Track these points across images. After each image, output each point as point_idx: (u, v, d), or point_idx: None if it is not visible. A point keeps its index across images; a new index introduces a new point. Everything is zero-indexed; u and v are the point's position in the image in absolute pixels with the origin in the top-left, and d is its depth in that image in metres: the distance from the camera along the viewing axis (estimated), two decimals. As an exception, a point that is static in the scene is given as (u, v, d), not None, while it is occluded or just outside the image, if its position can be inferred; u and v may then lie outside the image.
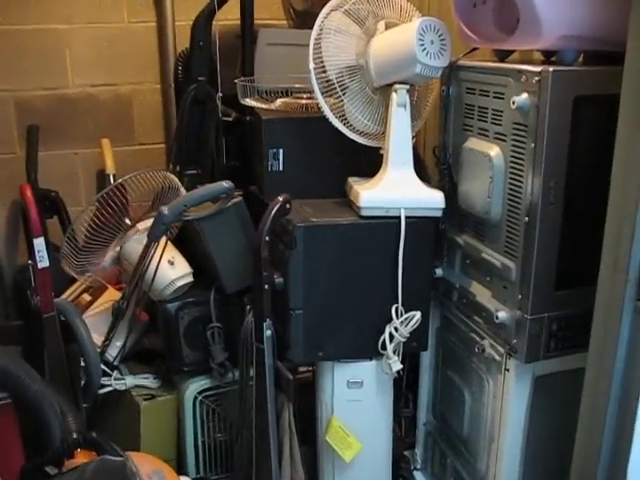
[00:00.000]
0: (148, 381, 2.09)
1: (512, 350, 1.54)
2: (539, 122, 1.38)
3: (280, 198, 1.62)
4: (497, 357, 1.61)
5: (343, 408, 1.78)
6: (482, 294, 1.67)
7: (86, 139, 2.64)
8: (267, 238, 1.58)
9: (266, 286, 1.60)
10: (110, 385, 2.05)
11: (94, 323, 2.02)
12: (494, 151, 1.53)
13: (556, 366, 1.59)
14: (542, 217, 1.43)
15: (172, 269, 1.90)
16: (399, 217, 1.64)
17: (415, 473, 2.14)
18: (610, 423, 1.30)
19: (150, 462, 1.67)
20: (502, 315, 1.55)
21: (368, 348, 1.72)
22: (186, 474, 2.05)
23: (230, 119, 2.15)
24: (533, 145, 1.40)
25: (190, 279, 1.94)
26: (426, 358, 1.98)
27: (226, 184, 1.77)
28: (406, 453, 2.17)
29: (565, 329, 1.53)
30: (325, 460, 1.87)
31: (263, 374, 1.67)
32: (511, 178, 1.50)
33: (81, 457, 1.66)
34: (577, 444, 1.40)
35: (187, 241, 1.99)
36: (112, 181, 2.45)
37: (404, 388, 2.02)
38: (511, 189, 1.50)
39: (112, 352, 2.05)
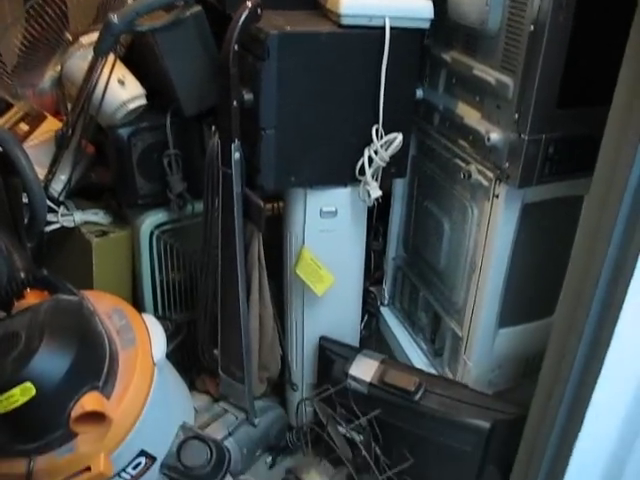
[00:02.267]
0: (99, 217, 1.93)
1: (503, 175, 1.44)
2: None
3: (249, 3, 1.42)
4: (485, 183, 1.50)
5: (315, 239, 1.67)
6: (470, 116, 1.54)
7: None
8: (236, 48, 1.39)
9: (235, 102, 1.43)
10: (57, 222, 1.89)
11: (34, 155, 1.79)
12: (495, -52, 1.35)
13: (546, 193, 1.50)
14: (551, 25, 1.26)
15: (123, 89, 1.69)
16: (382, 27, 1.46)
17: (382, 309, 2.09)
18: (614, 246, 1.22)
19: (108, 300, 1.57)
20: (494, 137, 1.43)
21: (344, 173, 1.60)
22: (144, 314, 1.95)
23: None
24: (546, -61, 1.23)
25: (143, 101, 1.73)
26: (399, 188, 1.87)
27: (184, -12, 1.55)
28: (372, 289, 2.11)
29: (562, 152, 1.42)
30: (294, 294, 1.78)
31: (231, 203, 1.53)
32: (515, -19, 1.33)
33: (32, 298, 1.53)
34: (571, 267, 1.31)
35: (138, 60, 1.77)
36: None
37: (375, 220, 1.91)
38: (514, -6, 1.33)
39: (56, 187, 1.86)
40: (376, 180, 1.57)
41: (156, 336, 1.51)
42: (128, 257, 1.94)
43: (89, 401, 1.32)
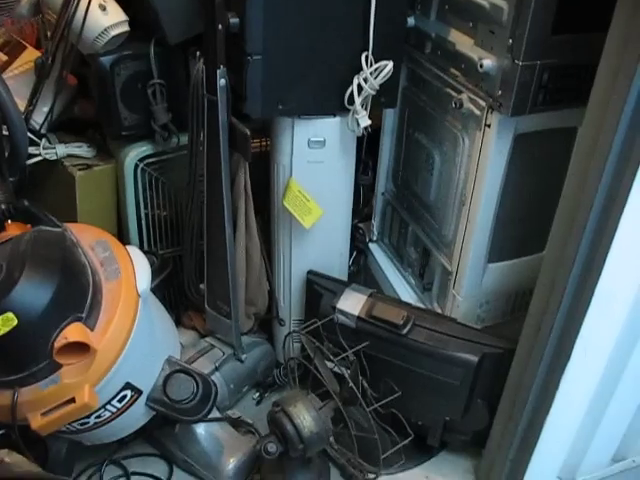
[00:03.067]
0: (82, 150, 1.88)
1: (496, 103, 1.40)
2: None
3: None
4: (477, 112, 1.47)
5: (303, 170, 1.63)
6: (463, 43, 1.49)
7: None
8: (220, -31, 1.34)
9: (220, 27, 1.38)
10: (39, 155, 1.84)
11: (14, 86, 1.75)
12: None
13: (539, 124, 1.47)
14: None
15: (104, 15, 1.62)
16: (374, -54, 1.41)
17: (370, 245, 2.07)
18: (607, 176, 1.19)
19: (92, 232, 1.55)
20: (487, 63, 1.39)
21: (333, 103, 1.55)
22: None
23: None
24: None
25: (126, 28, 1.66)
26: (389, 120, 1.83)
27: None
28: (361, 225, 2.09)
29: (556, 81, 1.38)
30: (282, 228, 1.75)
31: (216, 132, 1.49)
32: None
33: (13, 229, 1.51)
34: (564, 197, 1.29)
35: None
36: None
37: (364, 154, 1.87)
38: None
39: (38, 119, 1.80)
40: (365, 109, 1.53)
41: (140, 268, 1.48)
42: (113, 191, 1.91)
43: (72, 332, 1.30)
